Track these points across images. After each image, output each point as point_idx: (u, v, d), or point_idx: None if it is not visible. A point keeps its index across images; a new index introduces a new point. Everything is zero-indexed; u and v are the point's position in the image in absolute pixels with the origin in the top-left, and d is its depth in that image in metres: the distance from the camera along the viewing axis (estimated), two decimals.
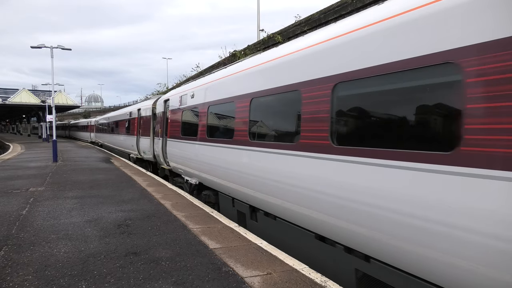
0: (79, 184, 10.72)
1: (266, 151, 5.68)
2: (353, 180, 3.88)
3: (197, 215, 6.99)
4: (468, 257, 2.79)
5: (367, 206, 3.69)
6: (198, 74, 29.80)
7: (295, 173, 4.94)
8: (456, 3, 2.96)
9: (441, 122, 3.15)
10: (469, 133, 2.81)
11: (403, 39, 3.40)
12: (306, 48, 4.99)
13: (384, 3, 4.03)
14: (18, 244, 5.16)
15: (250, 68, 6.63)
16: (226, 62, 22.10)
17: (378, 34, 3.70)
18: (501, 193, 2.59)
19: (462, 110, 2.87)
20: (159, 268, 4.32)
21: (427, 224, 3.07)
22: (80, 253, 4.81)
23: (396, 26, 3.51)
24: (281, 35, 18.01)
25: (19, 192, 9.23)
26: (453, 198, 2.89)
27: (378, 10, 3.96)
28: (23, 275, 4.08)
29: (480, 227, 2.71)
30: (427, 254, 3.11)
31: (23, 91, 48.61)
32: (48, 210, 7.26)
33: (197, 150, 8.89)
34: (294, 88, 5.09)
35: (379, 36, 3.68)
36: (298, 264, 4.49)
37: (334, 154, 4.18)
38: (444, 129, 3.11)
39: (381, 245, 3.59)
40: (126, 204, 7.91)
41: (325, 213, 4.34)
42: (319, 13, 15.54)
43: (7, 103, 47.05)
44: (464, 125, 2.85)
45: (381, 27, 3.69)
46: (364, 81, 3.83)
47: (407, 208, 3.25)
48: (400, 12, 3.49)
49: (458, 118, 2.90)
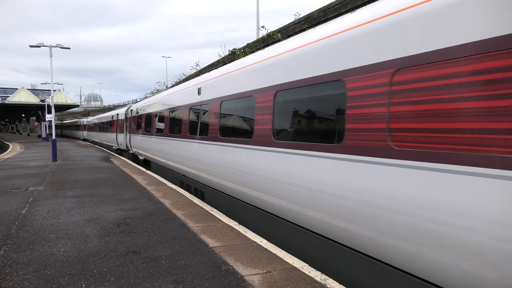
0: (79, 183, 10.71)
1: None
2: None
3: (197, 213, 6.99)
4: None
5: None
6: (197, 72, 29.76)
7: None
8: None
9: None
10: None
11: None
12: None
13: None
14: (18, 244, 5.15)
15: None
16: (226, 61, 22.06)
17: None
18: (363, 170, 3.76)
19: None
20: (159, 266, 4.31)
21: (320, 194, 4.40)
22: (80, 252, 4.81)
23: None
24: (281, 33, 17.98)
25: (18, 192, 9.22)
26: (343, 176, 4.04)
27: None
28: (23, 275, 4.08)
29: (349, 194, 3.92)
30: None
31: (22, 91, 48.52)
32: (48, 210, 7.25)
33: (143, 140, 15.73)
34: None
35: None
36: (298, 262, 4.49)
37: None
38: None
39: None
40: (125, 203, 7.90)
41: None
42: (318, 11, 15.52)
43: (6, 103, 46.97)
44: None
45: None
46: None
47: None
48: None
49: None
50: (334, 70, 4.26)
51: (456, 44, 2.93)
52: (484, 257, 2.73)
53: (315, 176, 4.53)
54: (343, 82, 4.11)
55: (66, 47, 23.55)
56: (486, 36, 2.72)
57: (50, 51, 21.90)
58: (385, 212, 3.50)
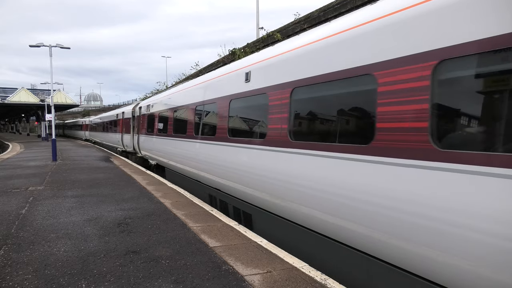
0: (79, 183, 10.70)
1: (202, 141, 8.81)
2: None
3: (197, 213, 6.99)
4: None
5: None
6: (197, 72, 29.75)
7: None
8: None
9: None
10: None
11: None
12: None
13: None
14: (18, 243, 5.15)
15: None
16: (226, 60, 22.07)
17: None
18: (392, 173, 3.49)
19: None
20: (159, 266, 4.31)
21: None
22: (80, 252, 4.81)
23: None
24: (281, 33, 17.98)
25: (18, 191, 9.22)
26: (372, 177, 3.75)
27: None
28: (23, 274, 4.07)
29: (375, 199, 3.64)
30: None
31: (22, 90, 48.49)
32: (48, 209, 7.25)
33: (157, 142, 13.44)
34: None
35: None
36: (298, 262, 4.49)
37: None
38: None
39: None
40: (126, 202, 7.90)
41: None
42: (318, 11, 15.51)
43: (6, 102, 46.95)
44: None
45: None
46: None
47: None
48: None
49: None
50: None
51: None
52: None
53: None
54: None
55: (66, 47, 23.52)
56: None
57: (50, 51, 21.89)
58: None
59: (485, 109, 2.86)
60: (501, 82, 2.71)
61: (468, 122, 2.97)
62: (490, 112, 2.82)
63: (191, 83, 10.56)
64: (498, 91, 2.76)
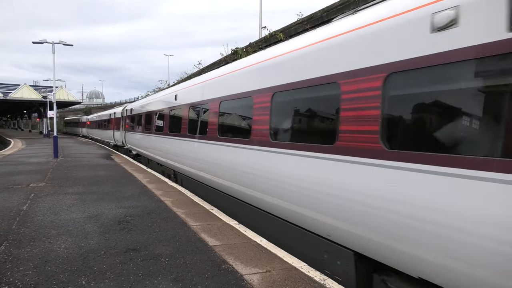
0: (80, 180, 10.74)
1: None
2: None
3: (197, 212, 7.01)
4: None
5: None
6: (199, 71, 29.78)
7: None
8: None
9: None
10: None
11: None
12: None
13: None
14: (19, 240, 5.17)
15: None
16: (228, 60, 22.07)
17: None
18: (351, 169, 3.96)
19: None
20: (159, 264, 4.33)
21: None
22: (80, 249, 4.83)
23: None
24: (283, 33, 17.98)
25: (20, 188, 9.25)
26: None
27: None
28: (23, 270, 4.10)
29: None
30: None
31: (24, 87, 48.55)
32: (49, 206, 7.28)
33: (137, 137, 17.13)
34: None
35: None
36: (297, 262, 4.50)
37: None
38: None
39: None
40: (126, 200, 7.92)
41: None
42: (321, 12, 15.52)
43: (9, 99, 46.99)
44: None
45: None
46: None
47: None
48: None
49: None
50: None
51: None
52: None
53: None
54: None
55: (69, 44, 23.60)
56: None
57: (52, 47, 21.95)
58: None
59: (423, 115, 3.38)
60: (435, 94, 3.23)
61: (410, 126, 3.47)
62: (428, 117, 3.33)
63: (159, 94, 15.11)
64: (434, 102, 3.27)
